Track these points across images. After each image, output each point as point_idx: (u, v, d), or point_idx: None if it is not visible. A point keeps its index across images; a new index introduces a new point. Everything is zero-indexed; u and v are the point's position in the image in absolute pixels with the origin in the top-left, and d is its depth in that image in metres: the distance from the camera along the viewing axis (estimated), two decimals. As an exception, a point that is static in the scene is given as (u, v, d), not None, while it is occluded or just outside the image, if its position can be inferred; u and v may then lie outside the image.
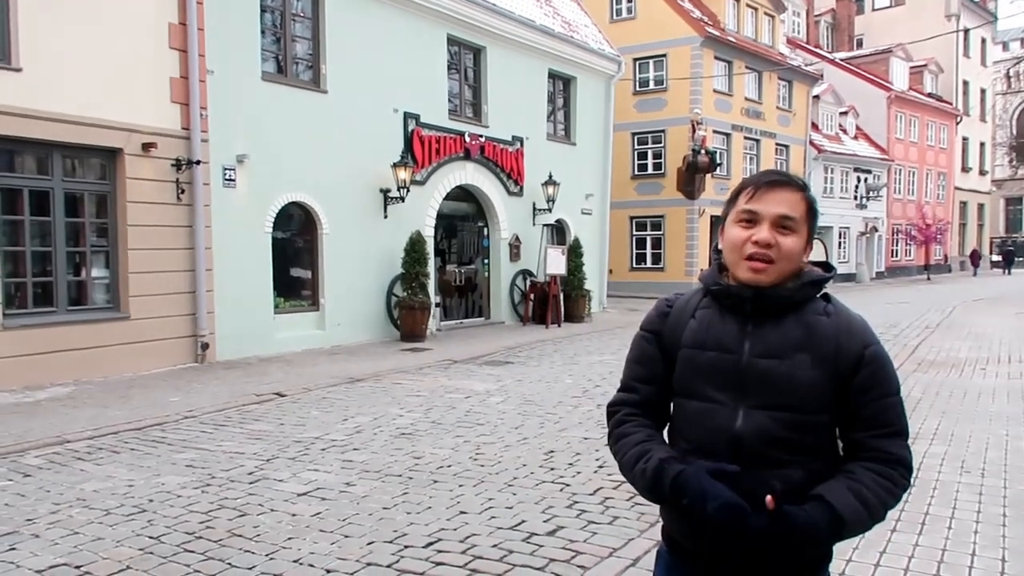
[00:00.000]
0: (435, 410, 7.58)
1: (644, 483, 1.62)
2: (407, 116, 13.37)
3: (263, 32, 11.21)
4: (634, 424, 1.72)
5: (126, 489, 5.07)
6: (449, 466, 5.59)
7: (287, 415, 7.39)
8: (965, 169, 41.96)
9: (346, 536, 4.21)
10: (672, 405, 1.73)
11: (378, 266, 12.92)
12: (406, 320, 12.78)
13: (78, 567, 3.83)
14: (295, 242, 12.19)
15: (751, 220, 1.61)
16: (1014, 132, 47.58)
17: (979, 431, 6.43)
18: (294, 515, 4.55)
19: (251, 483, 5.19)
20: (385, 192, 12.90)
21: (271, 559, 3.91)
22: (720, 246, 1.70)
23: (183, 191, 9.98)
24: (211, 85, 10.33)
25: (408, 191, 12.92)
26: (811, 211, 1.63)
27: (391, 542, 4.11)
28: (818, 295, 1.66)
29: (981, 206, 44.78)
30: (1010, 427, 6.58)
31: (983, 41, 43.54)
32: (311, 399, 8.16)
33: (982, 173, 44.40)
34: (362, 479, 5.28)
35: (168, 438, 6.49)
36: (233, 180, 10.68)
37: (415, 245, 12.83)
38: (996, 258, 44.37)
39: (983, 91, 43.58)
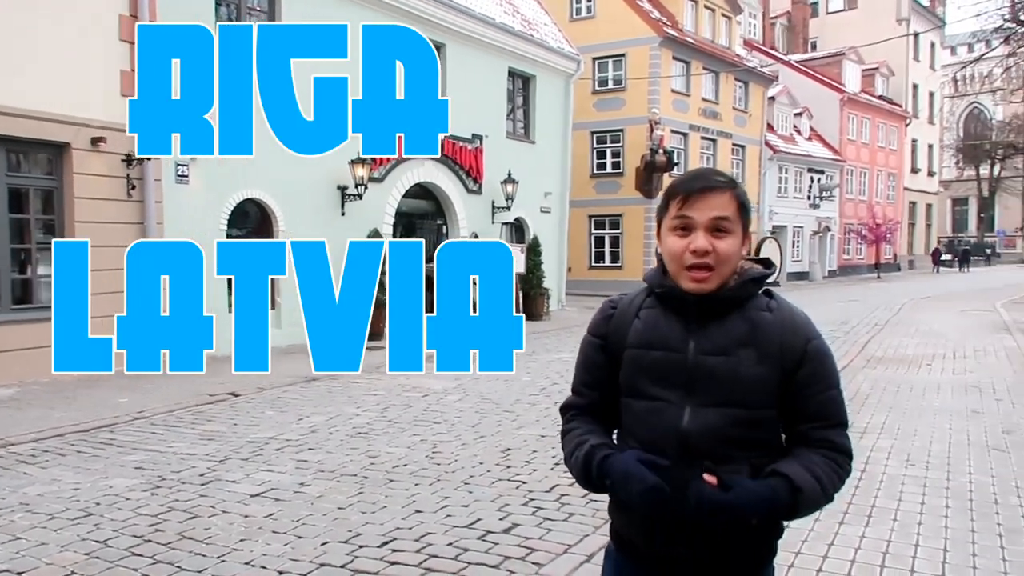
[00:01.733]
0: (392, 409, 7.53)
1: (578, 469, 1.67)
2: (365, 112, 13.24)
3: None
4: (579, 422, 1.75)
5: (72, 493, 4.94)
6: (405, 465, 5.57)
7: (241, 415, 7.27)
8: (914, 170, 43.13)
9: (300, 537, 4.16)
10: (621, 406, 1.74)
11: (335, 264, 12.75)
12: (364, 318, 12.67)
13: (20, 574, 3.72)
14: (251, 240, 11.99)
15: (686, 227, 1.62)
16: (961, 135, 49.09)
17: (924, 425, 6.61)
18: (247, 516, 4.48)
19: (203, 484, 5.10)
20: (343, 189, 12.78)
21: (222, 561, 3.84)
22: (659, 251, 1.71)
23: (134, 187, 9.76)
24: (163, 79, 10.11)
25: (366, 188, 12.82)
26: (742, 208, 1.64)
27: (345, 542, 4.07)
28: (760, 291, 1.68)
29: (929, 206, 46.08)
30: (954, 421, 6.78)
31: (932, 45, 44.79)
32: (266, 399, 8.05)
33: (930, 174, 45.68)
34: (317, 479, 5.22)
35: (117, 440, 6.34)
36: (186, 176, 10.47)
37: (373, 243, 12.72)
38: (946, 257, 45.77)
39: (932, 94, 44.84)
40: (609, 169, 24.77)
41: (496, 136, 16.41)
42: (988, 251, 48.93)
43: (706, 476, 1.53)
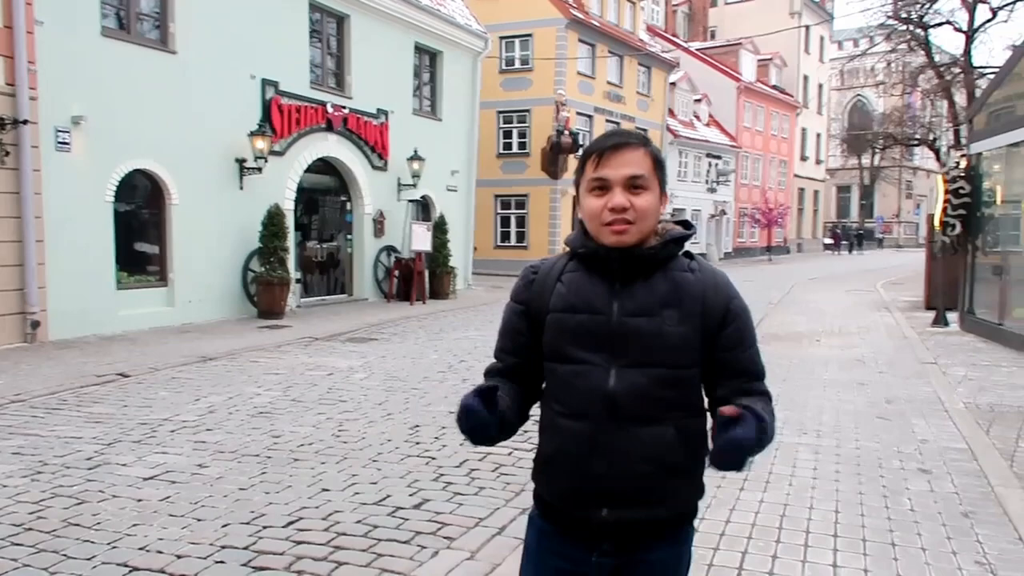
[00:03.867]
0: (295, 388, 7.30)
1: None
2: (265, 83, 12.72)
3: (102, -17, 10.28)
4: (495, 383, 1.70)
5: (-60, 481, 4.54)
6: (310, 444, 5.41)
7: (131, 396, 6.88)
8: (803, 158, 45.29)
9: (199, 520, 3.97)
10: (544, 371, 1.72)
11: (233, 240, 12.27)
12: (264, 296, 12.24)
13: None
14: (141, 213, 11.34)
15: (602, 187, 1.61)
16: (846, 126, 51.78)
17: (815, 397, 6.95)
18: (140, 500, 4.24)
19: (90, 469, 4.79)
20: (241, 162, 12.24)
21: (114, 548, 3.62)
22: (580, 215, 1.69)
23: (7, 153, 9.02)
24: (41, 38, 9.37)
25: (266, 162, 12.32)
26: (657, 164, 1.65)
27: (248, 523, 3.91)
28: (680, 252, 1.68)
29: (816, 193, 48.55)
30: (841, 393, 7.16)
31: (821, 39, 46.97)
32: (159, 379, 7.65)
33: (818, 162, 48.10)
34: (216, 460, 5.00)
35: (-9, 424, 5.88)
36: (68, 144, 9.77)
37: (274, 219, 12.29)
38: (828, 241, 48.54)
39: (820, 86, 47.10)
40: (516, 149, 24.80)
41: (402, 112, 16.11)
42: (870, 236, 52.11)
43: (724, 409, 1.48)
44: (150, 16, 11.12)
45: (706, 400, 1.67)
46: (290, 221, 13.10)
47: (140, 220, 11.33)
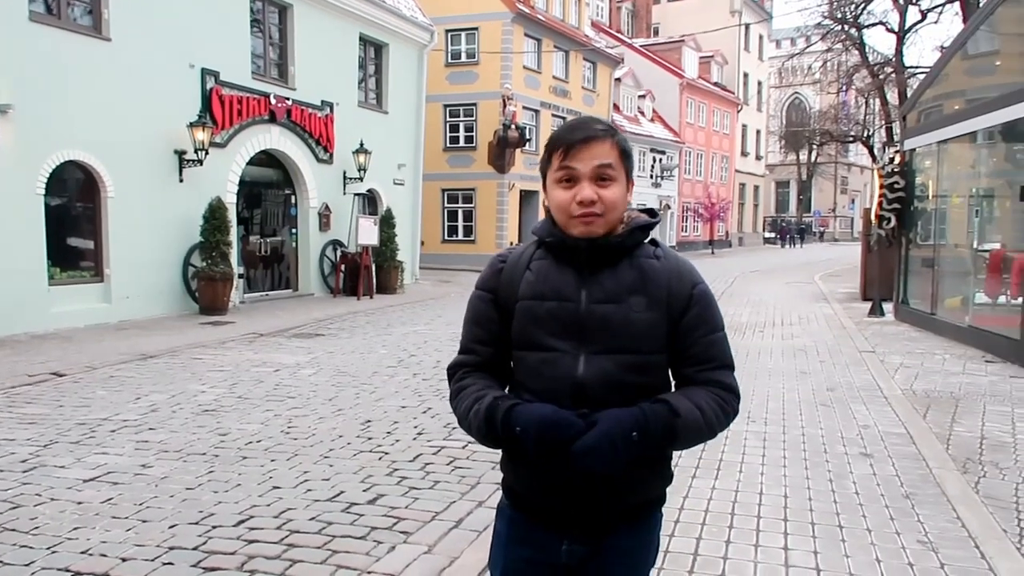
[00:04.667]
0: (241, 385, 7.14)
1: (478, 424, 1.59)
2: (205, 73, 12.38)
3: (30, -35, 9.84)
4: (473, 378, 1.68)
5: None
6: (259, 441, 5.29)
7: (67, 396, 6.63)
8: (744, 154, 46.26)
9: (144, 521, 3.84)
10: (512, 360, 1.70)
11: (173, 234, 11.91)
12: (206, 292, 11.93)
13: None
14: (74, 206, 10.92)
15: (570, 179, 1.61)
16: (784, 122, 53.11)
17: (760, 386, 7.11)
18: (80, 503, 4.08)
19: (25, 472, 4.59)
20: (180, 154, 11.90)
21: (54, 552, 3.47)
22: (547, 204, 1.68)
23: (-71, 143, 8.59)
24: (-36, 21, 8.93)
25: (207, 154, 12.00)
26: (624, 154, 1.65)
27: (197, 523, 3.80)
28: (646, 240, 1.69)
29: (756, 188, 49.66)
30: (785, 381, 7.34)
31: (761, 38, 48.03)
32: (96, 378, 7.38)
33: (758, 158, 49.21)
34: (160, 460, 4.85)
35: (-84, 427, 5.59)
36: (-5, 133, 9.34)
37: (215, 212, 11.98)
38: (769, 235, 49.82)
39: (760, 83, 48.16)
40: (462, 143, 24.71)
41: (347, 104, 15.88)
42: (809, 230, 53.72)
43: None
44: (82, 1, 10.69)
45: (673, 386, 1.68)
46: (232, 215, 12.79)
47: (73, 214, 10.91)
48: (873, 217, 12.25)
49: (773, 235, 48.29)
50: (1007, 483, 4.49)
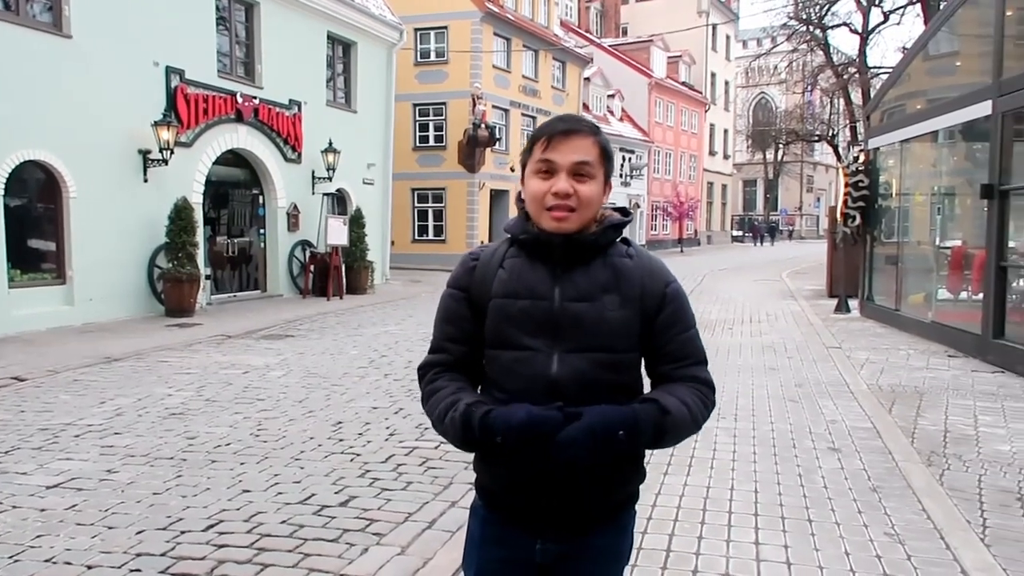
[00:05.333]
0: (209, 387, 7.04)
1: (455, 431, 1.57)
2: (170, 71, 12.18)
3: (-13, -40, 9.61)
4: (445, 379, 1.66)
5: None
6: (228, 444, 5.21)
7: (28, 401, 6.48)
8: (712, 153, 46.72)
9: (110, 528, 3.76)
10: (484, 359, 1.69)
11: (138, 235, 11.70)
12: (172, 294, 11.74)
13: None
14: (35, 207, 10.68)
15: (548, 171, 1.60)
16: (751, 122, 53.76)
17: (731, 382, 7.18)
18: (43, 510, 3.99)
19: (-14, 479, 4.48)
20: (145, 154, 11.69)
21: (16, 561, 3.39)
22: (522, 196, 1.68)
23: None
24: (-83, 17, 8.68)
25: (172, 154, 11.80)
26: (605, 154, 1.65)
27: (165, 529, 3.74)
28: (619, 239, 1.69)
29: (724, 186, 50.18)
30: (755, 378, 7.43)
31: (728, 38, 48.52)
32: (59, 382, 7.23)
33: (725, 157, 49.73)
34: (127, 465, 4.76)
35: None
36: (-49, 132, 9.10)
37: (181, 212, 11.79)
38: (737, 233, 50.45)
39: (727, 83, 48.65)
40: (432, 142, 24.62)
41: (315, 103, 15.73)
42: (778, 228, 54.50)
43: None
44: (42, -3, 10.46)
45: (648, 384, 1.69)
46: (199, 215, 12.60)
47: (34, 215, 10.67)
48: (839, 215, 12.45)
49: (742, 233, 48.92)
50: (970, 475, 4.59)
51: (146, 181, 11.78)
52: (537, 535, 1.64)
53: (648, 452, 1.70)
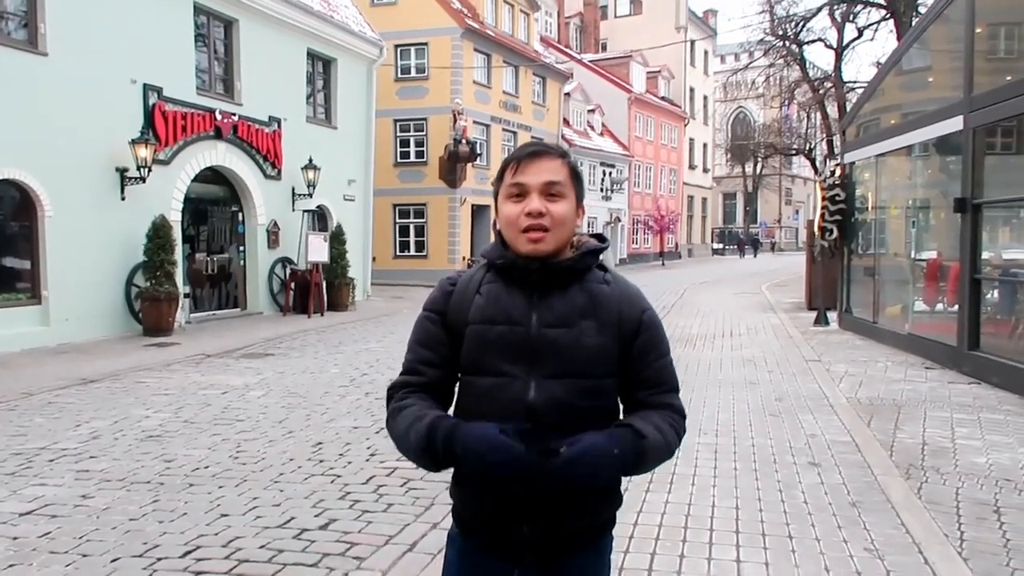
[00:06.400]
0: (187, 408, 6.96)
1: (417, 445, 1.55)
2: (147, 88, 12.11)
3: (-39, -22, 9.53)
4: (414, 399, 1.65)
5: None
6: (206, 467, 5.15)
7: (2, 425, 6.36)
8: (691, 166, 47.11)
9: (85, 556, 3.70)
10: (459, 385, 1.69)
11: (115, 254, 11.59)
12: (150, 313, 11.62)
13: None
14: (9, 226, 10.55)
15: (520, 194, 1.62)
16: (729, 136, 54.31)
17: (711, 397, 7.21)
18: (16, 539, 3.92)
19: (-43, 506, 4.39)
20: (122, 171, 11.60)
21: (-14, 592, 3.32)
22: (498, 225, 1.69)
23: None
24: None
25: (150, 171, 11.71)
26: (574, 174, 1.68)
27: (141, 556, 3.68)
28: (595, 264, 1.70)
29: (704, 200, 50.59)
30: (735, 392, 7.46)
31: (706, 53, 49.10)
32: (33, 405, 7.12)
33: (705, 170, 50.17)
34: (102, 490, 4.68)
35: None
36: (-77, 151, 8.98)
37: (159, 230, 11.70)
38: (717, 246, 50.86)
39: (706, 98, 49.16)
40: (413, 158, 24.64)
41: (295, 120, 15.70)
42: (761, 240, 55.04)
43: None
44: (16, 15, 10.38)
45: (622, 409, 1.69)
46: (177, 233, 12.50)
47: (8, 233, 10.53)
48: (816, 228, 12.57)
49: (723, 246, 49.43)
50: (948, 488, 4.63)
51: (123, 199, 11.68)
52: (515, 562, 1.63)
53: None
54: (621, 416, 1.67)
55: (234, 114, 13.92)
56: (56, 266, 10.69)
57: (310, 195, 15.72)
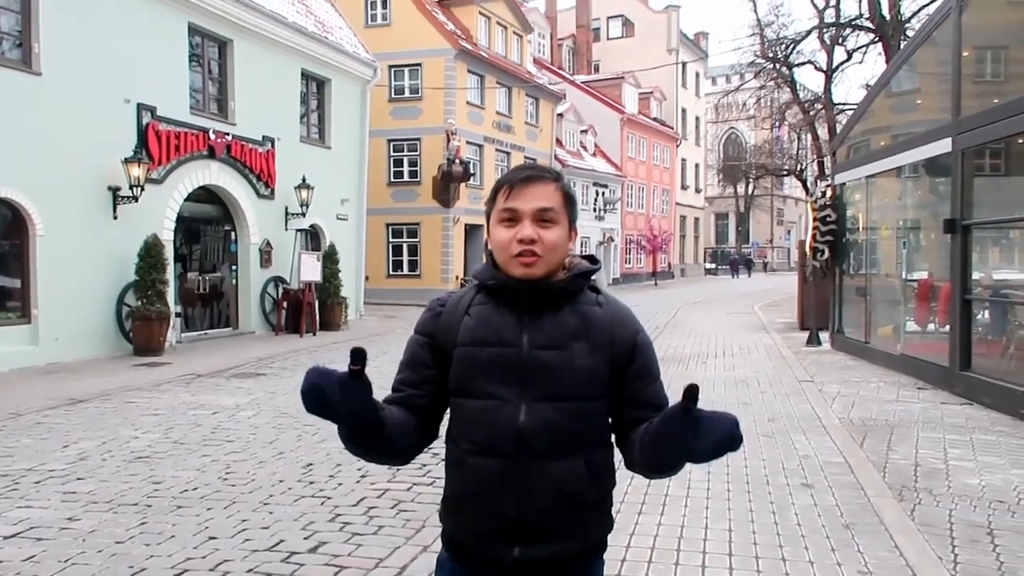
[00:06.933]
0: (177, 429, 6.90)
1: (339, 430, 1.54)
2: (141, 108, 12.12)
3: (-45, -2, 9.56)
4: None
5: None
6: (195, 489, 5.10)
7: (-10, 446, 6.30)
8: (684, 187, 47.37)
9: (69, 579, 3.64)
10: (450, 408, 1.68)
11: (106, 273, 11.54)
12: (140, 332, 11.55)
13: None
14: (0, 245, 10.50)
15: (512, 219, 1.61)
16: (721, 156, 54.69)
17: (704, 417, 7.17)
18: (0, 562, 3.86)
19: (-60, 529, 4.33)
20: (115, 191, 11.58)
21: (-32, 618, 3.27)
22: (489, 246, 1.68)
23: None
24: None
25: (143, 190, 11.70)
26: (568, 199, 1.67)
27: (126, 580, 3.63)
28: (587, 286, 1.70)
29: (697, 220, 50.83)
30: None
31: (697, 75, 49.54)
32: (21, 425, 7.04)
33: (697, 191, 50.45)
34: (89, 512, 4.62)
35: None
36: (-86, 170, 8.96)
37: (151, 250, 11.66)
38: (710, 265, 51.06)
39: (697, 119, 49.56)
40: (406, 178, 24.70)
41: (289, 139, 15.74)
42: (754, 260, 55.35)
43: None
44: (10, 35, 10.40)
45: (612, 434, 1.68)
46: (170, 252, 12.47)
47: (-1, 253, 10.50)
48: (808, 249, 12.63)
49: (714, 266, 49.69)
50: (941, 509, 4.61)
51: (116, 218, 11.65)
52: (505, 587, 1.61)
53: (620, 492, 1.68)
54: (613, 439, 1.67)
55: (228, 133, 13.94)
56: (47, 285, 10.63)
57: (303, 214, 15.71)
